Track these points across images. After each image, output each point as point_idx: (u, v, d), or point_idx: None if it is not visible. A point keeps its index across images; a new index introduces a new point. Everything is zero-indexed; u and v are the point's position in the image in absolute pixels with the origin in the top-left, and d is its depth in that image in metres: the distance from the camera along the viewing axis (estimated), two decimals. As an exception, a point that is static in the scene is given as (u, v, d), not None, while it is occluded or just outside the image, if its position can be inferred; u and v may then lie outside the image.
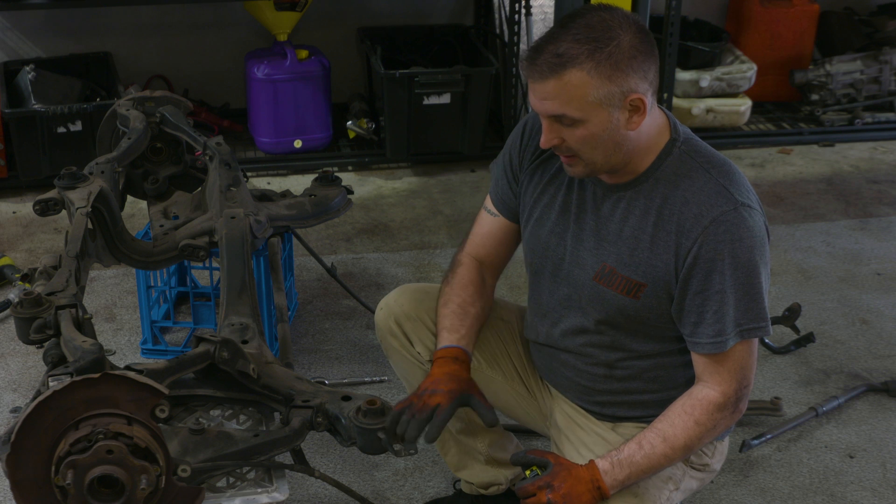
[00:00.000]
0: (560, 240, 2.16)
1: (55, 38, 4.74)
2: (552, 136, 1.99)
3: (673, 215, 2.01)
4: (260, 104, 4.64)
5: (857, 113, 5.13)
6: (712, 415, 2.03)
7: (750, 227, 1.98)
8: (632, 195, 2.06)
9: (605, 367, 2.18)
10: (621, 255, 2.07)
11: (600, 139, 1.97)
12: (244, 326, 2.36)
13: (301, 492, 2.70)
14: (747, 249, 1.97)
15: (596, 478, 2.01)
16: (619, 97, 1.93)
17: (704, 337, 2.02)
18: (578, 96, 1.92)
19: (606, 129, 1.96)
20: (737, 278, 1.97)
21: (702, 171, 2.02)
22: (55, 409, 1.80)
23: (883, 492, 2.77)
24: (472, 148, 4.67)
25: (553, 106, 1.94)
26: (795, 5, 5.23)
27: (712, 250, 1.97)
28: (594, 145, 1.97)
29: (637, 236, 2.05)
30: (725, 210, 1.97)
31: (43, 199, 2.76)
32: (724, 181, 2.01)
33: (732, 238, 1.96)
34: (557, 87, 1.92)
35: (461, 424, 2.47)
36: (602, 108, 1.93)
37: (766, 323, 2.02)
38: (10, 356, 3.27)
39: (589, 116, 1.94)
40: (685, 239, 1.99)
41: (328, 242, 4.05)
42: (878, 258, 3.99)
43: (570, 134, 1.97)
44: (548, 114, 1.97)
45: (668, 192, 2.02)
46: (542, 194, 2.19)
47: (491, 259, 2.35)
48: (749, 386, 2.06)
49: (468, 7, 5.16)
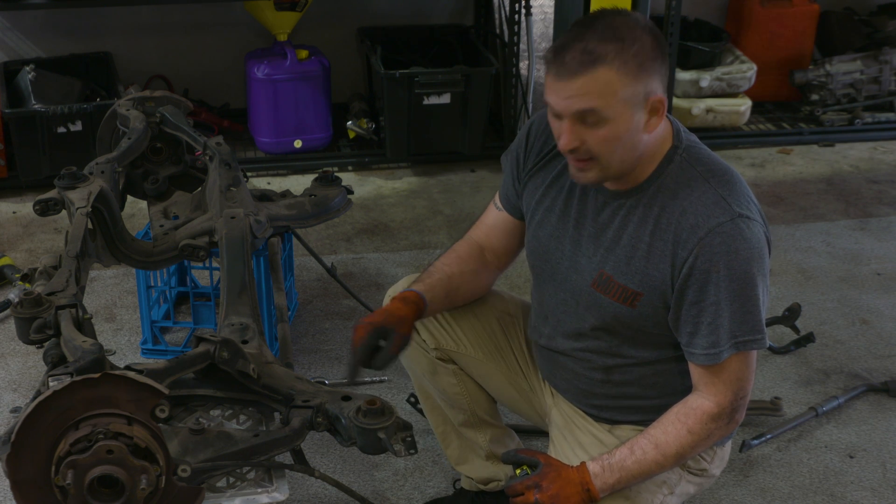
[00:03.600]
0: (559, 244, 2.16)
1: (55, 38, 4.74)
2: (573, 138, 1.95)
3: (670, 225, 2.00)
4: (260, 104, 4.64)
5: (857, 113, 5.13)
6: (706, 424, 2.02)
7: (747, 238, 1.96)
8: (632, 203, 2.06)
9: (602, 373, 2.18)
10: (618, 264, 2.06)
11: (621, 140, 1.95)
12: (244, 326, 2.36)
13: (301, 492, 2.70)
14: (744, 261, 1.96)
15: (585, 480, 2.01)
16: (643, 98, 1.93)
17: (699, 348, 2.01)
18: (608, 93, 1.90)
19: (629, 130, 1.94)
20: (732, 290, 1.96)
21: (701, 181, 2.01)
22: (55, 409, 1.80)
23: (883, 492, 2.77)
24: (472, 148, 4.67)
25: (582, 102, 1.91)
26: (795, 5, 5.23)
27: (708, 262, 1.96)
28: (615, 147, 1.96)
29: (634, 245, 2.04)
30: (722, 222, 1.96)
31: (43, 199, 2.76)
32: (723, 191, 1.99)
33: (728, 250, 1.95)
34: (588, 83, 1.90)
35: (463, 416, 2.48)
36: (627, 108, 1.92)
37: (763, 335, 2.01)
38: (10, 356, 3.27)
39: (616, 115, 1.92)
40: (681, 250, 1.98)
41: (328, 242, 4.05)
42: (878, 258, 3.99)
43: (593, 135, 1.94)
44: (575, 110, 1.93)
45: (667, 202, 2.02)
46: (543, 196, 2.19)
47: (494, 246, 2.35)
48: (746, 397, 2.05)
49: (468, 7, 5.16)
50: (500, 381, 2.43)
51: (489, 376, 2.43)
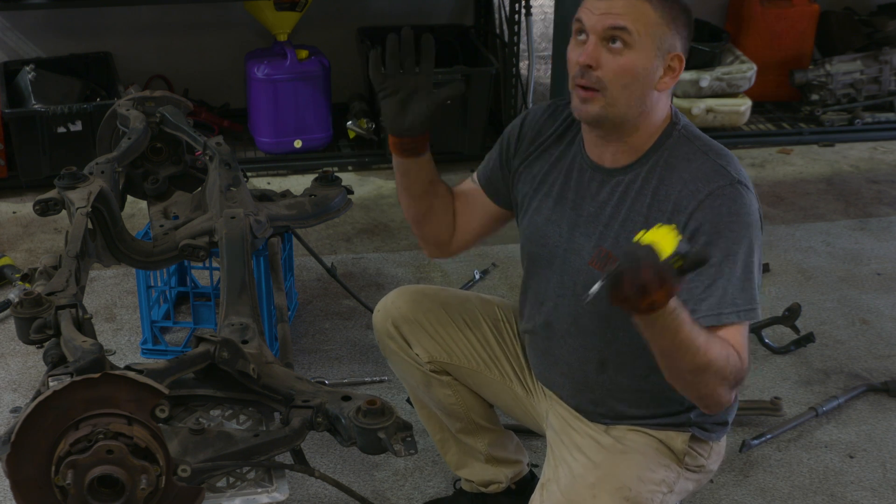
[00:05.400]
0: (557, 228, 2.16)
1: (55, 38, 4.74)
2: (593, 56, 1.97)
3: (669, 196, 2.00)
4: (260, 104, 4.64)
5: (857, 113, 5.13)
6: (732, 362, 1.91)
7: (747, 203, 1.97)
8: (630, 178, 2.06)
9: (598, 359, 2.16)
10: (617, 238, 2.06)
11: (635, 76, 1.97)
12: (244, 326, 2.36)
13: (301, 492, 2.70)
14: (745, 226, 1.96)
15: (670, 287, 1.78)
16: (667, 47, 1.98)
17: (700, 313, 1.94)
18: (643, 20, 1.95)
19: (646, 70, 1.97)
20: (735, 253, 1.94)
21: (699, 154, 2.04)
22: (55, 409, 1.80)
23: (883, 492, 2.77)
24: (472, 148, 4.67)
25: (617, 19, 1.95)
26: (795, 5, 5.23)
27: (710, 224, 1.95)
28: (626, 82, 1.98)
29: (632, 218, 2.04)
30: (723, 185, 1.97)
31: (43, 199, 2.76)
32: (721, 161, 2.02)
33: (730, 211, 1.95)
34: (628, 5, 1.95)
35: (461, 424, 2.47)
36: (652, 46, 1.96)
37: (756, 307, 1.97)
38: (10, 356, 3.27)
39: (641, 45, 1.96)
40: (680, 215, 1.97)
41: (328, 242, 4.05)
42: (878, 258, 3.99)
43: (612, 61, 1.97)
44: (607, 25, 1.96)
45: (665, 174, 2.03)
46: (541, 184, 2.19)
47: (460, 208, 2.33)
48: (748, 369, 1.98)
49: (468, 7, 5.16)
50: (495, 388, 2.42)
51: (484, 385, 2.42)
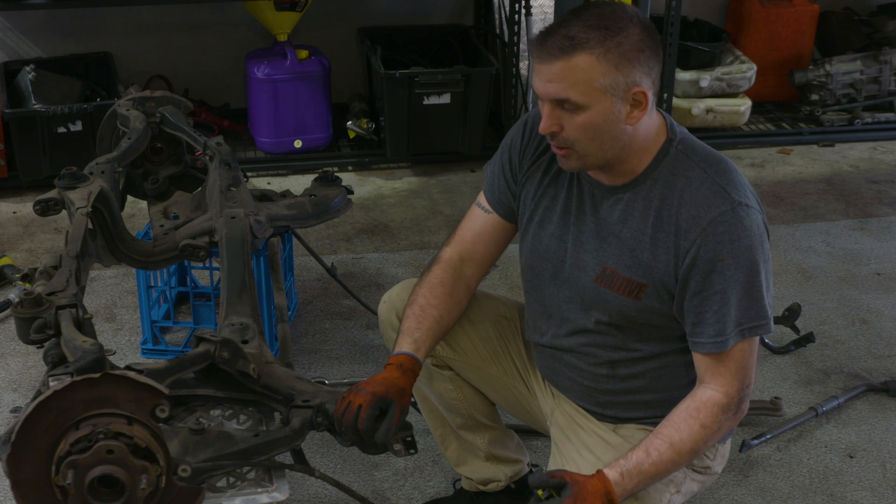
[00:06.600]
0: (561, 242, 2.16)
1: (55, 38, 4.74)
2: (552, 122, 1.98)
3: (671, 216, 2.01)
4: (260, 104, 4.64)
5: (857, 113, 5.13)
6: (717, 417, 2.02)
7: (748, 226, 1.98)
8: (630, 196, 2.06)
9: (607, 368, 2.18)
10: (622, 257, 2.07)
11: (599, 129, 1.96)
12: (244, 326, 2.36)
13: (301, 492, 2.71)
14: (746, 249, 1.97)
15: (609, 490, 1.98)
16: (624, 88, 1.94)
17: (705, 336, 2.02)
18: (585, 80, 1.92)
19: (607, 120, 1.95)
20: (737, 278, 1.97)
21: (698, 171, 2.03)
22: (55, 409, 1.80)
23: (883, 492, 2.77)
24: (472, 148, 4.67)
25: (558, 88, 1.94)
26: (795, 5, 5.23)
27: (711, 251, 1.97)
28: (592, 135, 1.97)
29: (637, 237, 2.05)
30: (723, 211, 1.98)
31: (43, 199, 2.76)
32: (720, 180, 2.01)
33: (731, 238, 1.97)
34: (565, 69, 1.92)
35: (461, 419, 2.48)
36: (606, 96, 1.93)
37: (768, 320, 2.02)
38: (10, 356, 3.27)
39: (592, 103, 1.94)
40: (683, 240, 1.99)
41: (328, 242, 4.05)
42: (878, 258, 3.99)
43: (571, 121, 1.96)
44: (552, 97, 1.96)
45: (666, 193, 2.03)
46: (542, 196, 2.19)
47: (478, 257, 2.31)
48: (750, 385, 2.06)
49: (468, 7, 5.16)
50: (497, 385, 2.42)
51: (486, 381, 2.43)
